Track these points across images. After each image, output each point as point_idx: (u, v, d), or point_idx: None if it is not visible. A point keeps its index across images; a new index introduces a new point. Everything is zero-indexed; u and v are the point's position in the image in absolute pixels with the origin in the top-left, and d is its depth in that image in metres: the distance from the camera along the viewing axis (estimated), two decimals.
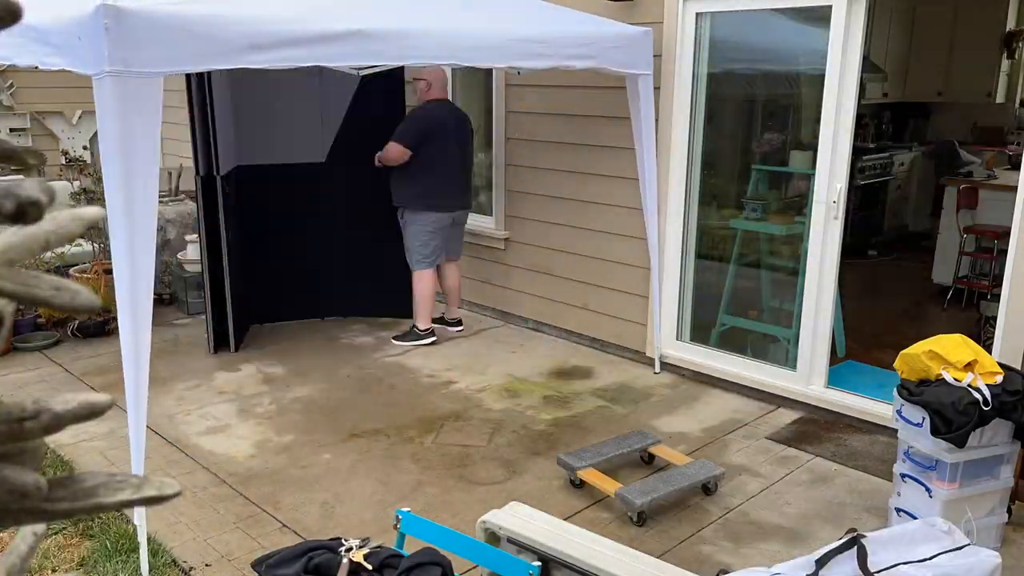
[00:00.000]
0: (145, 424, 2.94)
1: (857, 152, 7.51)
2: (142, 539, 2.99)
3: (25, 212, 0.38)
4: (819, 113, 4.27)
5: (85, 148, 8.69)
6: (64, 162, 7.27)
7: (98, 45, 2.57)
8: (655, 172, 4.75)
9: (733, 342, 5.00)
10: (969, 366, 3.02)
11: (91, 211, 0.44)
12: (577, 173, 5.28)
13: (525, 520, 2.37)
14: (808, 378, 4.47)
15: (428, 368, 5.11)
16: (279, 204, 5.61)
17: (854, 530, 2.36)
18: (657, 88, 4.68)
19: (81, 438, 4.01)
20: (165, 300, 6.13)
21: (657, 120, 4.74)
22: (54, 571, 3.05)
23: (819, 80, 4.25)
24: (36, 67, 3.02)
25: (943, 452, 3.03)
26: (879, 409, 4.14)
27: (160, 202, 5.81)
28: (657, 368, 5.05)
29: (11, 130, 8.44)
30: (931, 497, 3.10)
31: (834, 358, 4.65)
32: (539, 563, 1.72)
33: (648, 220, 4.83)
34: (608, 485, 3.49)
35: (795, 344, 4.56)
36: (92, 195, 5.75)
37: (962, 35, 7.95)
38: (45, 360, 5.15)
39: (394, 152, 5.03)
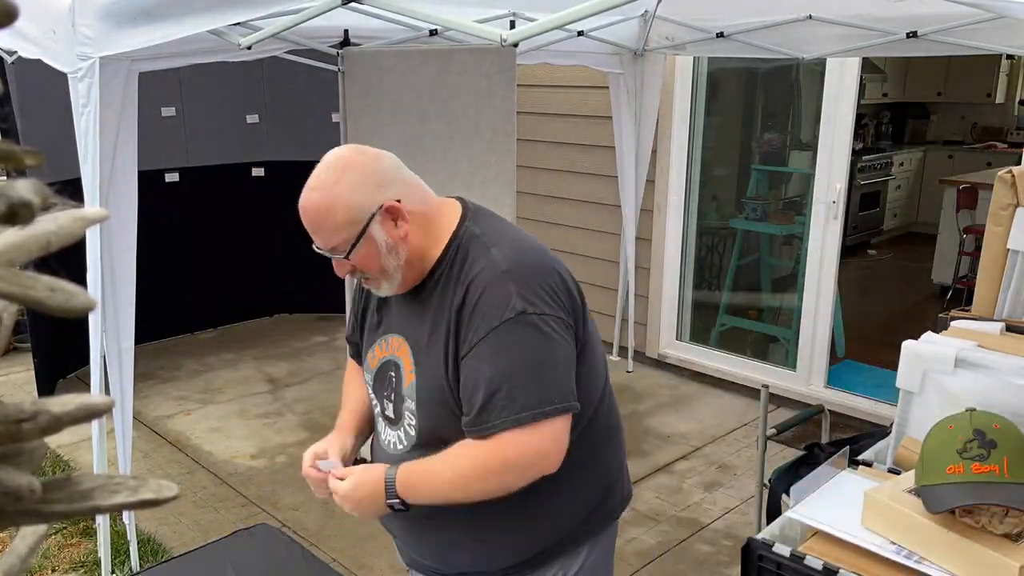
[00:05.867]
0: (131, 423, 2.94)
1: (857, 152, 7.52)
2: (131, 538, 3.00)
3: (16, 214, 0.38)
4: (819, 113, 4.27)
5: None
6: None
7: (71, 42, 2.56)
8: (633, 172, 4.77)
9: (733, 342, 5.00)
10: None
11: (94, 211, 0.44)
12: (576, 173, 5.28)
13: None
14: (808, 378, 4.47)
15: None
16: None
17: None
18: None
19: (81, 438, 4.00)
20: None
21: (658, 120, 4.74)
22: (54, 571, 3.05)
23: (819, 80, 4.25)
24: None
25: None
26: (879, 409, 4.14)
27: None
28: (630, 367, 5.08)
29: None
30: None
31: (834, 358, 4.65)
32: None
33: (626, 217, 4.86)
34: None
35: (795, 344, 4.56)
36: None
37: None
38: None
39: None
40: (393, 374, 1.53)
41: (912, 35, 3.39)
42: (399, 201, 1.43)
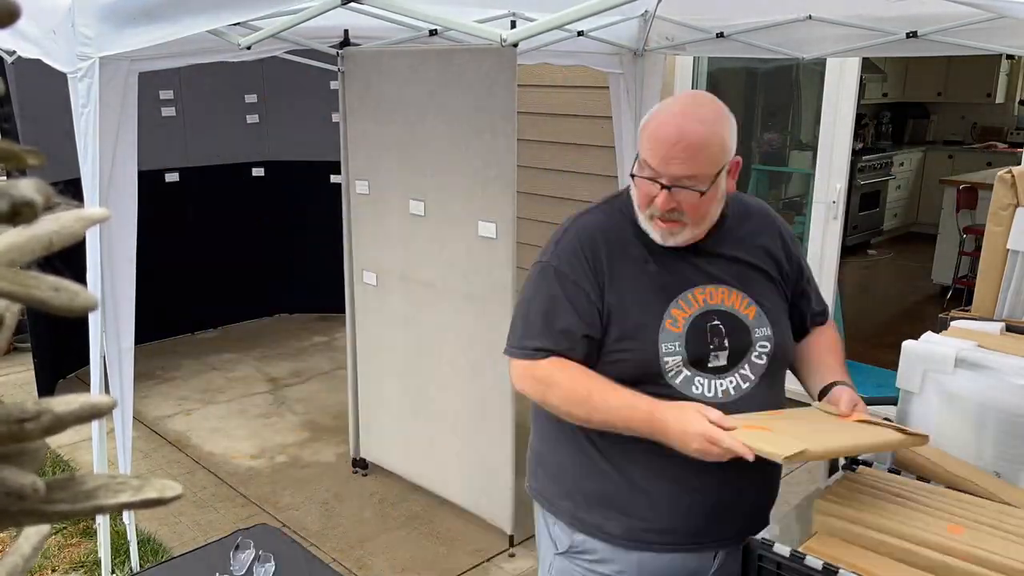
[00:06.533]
0: (131, 422, 2.95)
1: (857, 152, 7.51)
2: (132, 538, 3.00)
3: (19, 213, 0.38)
4: (819, 113, 4.27)
5: None
6: None
7: (70, 42, 2.56)
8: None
9: None
10: None
11: (96, 211, 0.44)
12: (576, 173, 5.28)
13: None
14: None
15: None
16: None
17: None
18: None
19: (81, 438, 4.00)
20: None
21: None
22: (54, 571, 3.05)
23: (819, 80, 4.25)
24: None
25: None
26: (879, 409, 4.14)
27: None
28: None
29: None
30: None
31: None
32: None
33: None
34: None
35: None
36: None
37: None
38: None
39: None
40: (718, 322, 1.62)
41: (912, 35, 3.38)
42: (739, 159, 1.61)
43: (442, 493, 3.49)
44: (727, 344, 1.62)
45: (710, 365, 1.62)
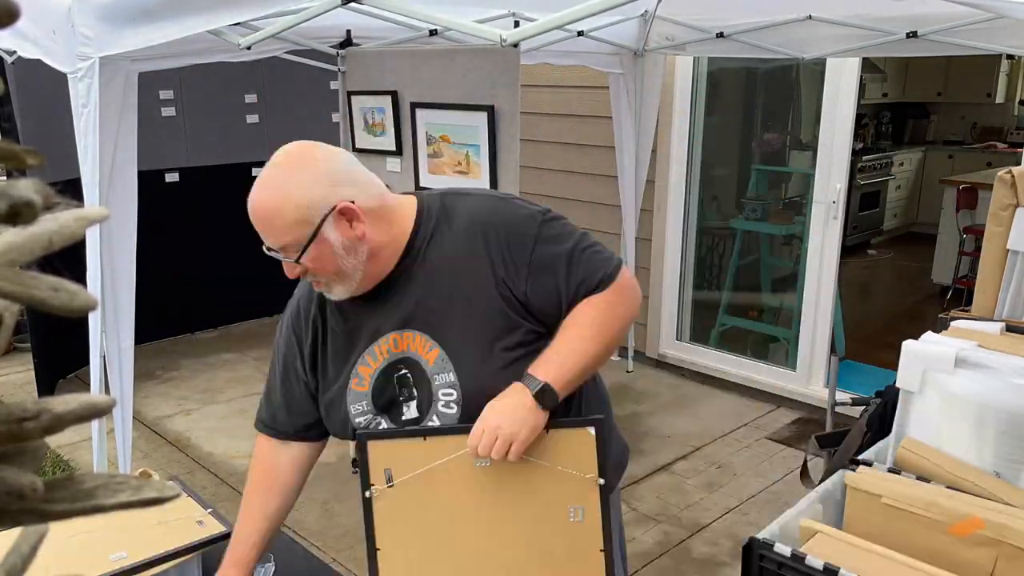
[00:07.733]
0: (131, 422, 2.95)
1: (857, 152, 7.51)
2: None
3: (19, 213, 0.38)
4: (819, 113, 4.27)
5: None
6: None
7: (70, 42, 2.56)
8: (633, 171, 4.76)
9: (733, 342, 5.00)
10: None
11: (95, 210, 0.44)
12: (576, 173, 5.28)
13: None
14: (808, 378, 4.47)
15: None
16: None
17: None
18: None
19: (82, 438, 4.00)
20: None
21: (658, 120, 4.74)
22: None
23: (819, 80, 4.25)
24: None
25: None
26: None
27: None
28: (630, 367, 5.07)
29: None
30: None
31: None
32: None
33: (626, 217, 4.85)
34: None
35: (795, 344, 4.56)
36: None
37: None
38: None
39: None
40: (405, 371, 1.49)
41: (912, 35, 3.39)
42: (353, 201, 1.37)
43: None
44: (415, 394, 1.50)
45: (403, 418, 1.51)
